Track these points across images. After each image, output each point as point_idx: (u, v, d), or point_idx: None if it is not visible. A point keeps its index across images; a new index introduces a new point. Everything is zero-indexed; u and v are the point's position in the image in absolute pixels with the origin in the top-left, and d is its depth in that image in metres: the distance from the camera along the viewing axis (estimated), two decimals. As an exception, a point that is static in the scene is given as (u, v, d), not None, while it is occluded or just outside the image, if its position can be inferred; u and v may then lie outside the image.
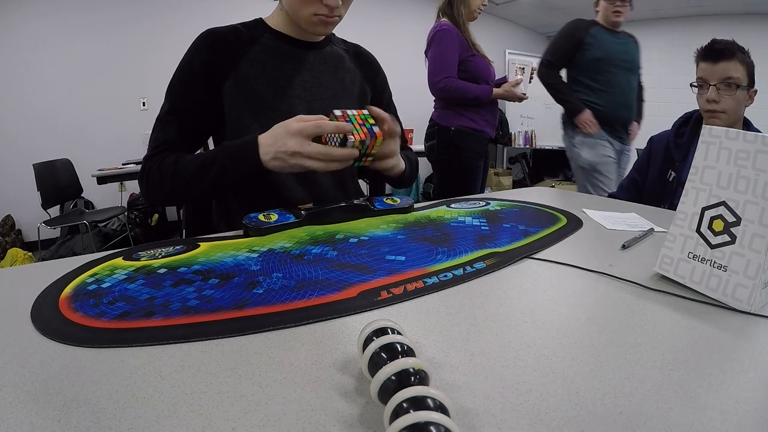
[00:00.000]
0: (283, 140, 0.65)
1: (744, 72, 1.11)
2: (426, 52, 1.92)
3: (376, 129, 0.67)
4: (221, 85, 0.79)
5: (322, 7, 0.75)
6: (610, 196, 1.43)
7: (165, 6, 3.39)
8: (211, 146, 0.83)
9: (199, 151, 0.82)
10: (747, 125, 1.17)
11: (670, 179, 1.23)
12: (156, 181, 0.74)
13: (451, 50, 1.81)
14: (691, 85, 1.18)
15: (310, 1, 0.75)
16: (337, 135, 0.65)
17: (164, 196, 0.76)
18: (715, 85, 1.12)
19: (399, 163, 0.80)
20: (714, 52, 1.12)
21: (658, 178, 1.27)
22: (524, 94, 1.96)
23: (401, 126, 1.05)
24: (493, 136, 1.99)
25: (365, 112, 0.68)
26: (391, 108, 1.03)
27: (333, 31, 0.93)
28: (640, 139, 1.67)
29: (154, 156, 0.76)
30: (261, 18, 0.86)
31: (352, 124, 0.65)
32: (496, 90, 1.89)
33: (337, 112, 0.65)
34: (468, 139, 1.89)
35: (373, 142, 0.67)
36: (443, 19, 1.88)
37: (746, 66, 1.11)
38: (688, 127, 1.24)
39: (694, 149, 0.48)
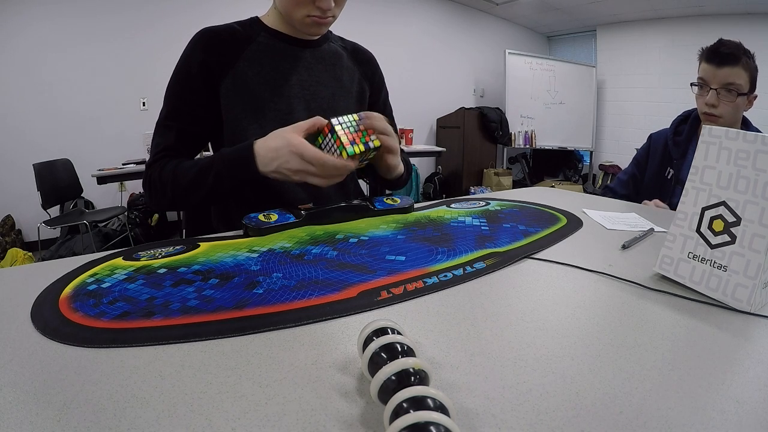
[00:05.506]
0: (285, 158, 0.64)
1: (746, 78, 1.07)
2: None
3: (373, 137, 0.67)
4: (218, 85, 0.78)
5: (314, 8, 0.75)
6: (606, 188, 1.42)
7: (165, 6, 3.39)
8: (211, 152, 0.82)
9: (198, 157, 0.82)
10: (746, 125, 1.16)
11: (669, 177, 1.23)
12: (158, 189, 0.75)
13: None
14: (691, 84, 1.15)
15: (302, 3, 0.75)
16: (334, 146, 0.64)
17: (167, 203, 0.77)
18: (715, 89, 1.08)
19: (399, 164, 0.80)
20: (719, 55, 1.07)
21: (656, 176, 1.27)
22: None
23: (395, 126, 1.05)
24: None
25: (362, 116, 0.67)
26: (387, 107, 1.03)
27: (330, 29, 0.92)
28: (640, 138, 1.65)
29: (155, 163, 0.76)
30: (257, 16, 0.86)
31: (352, 132, 0.65)
32: None
33: (335, 121, 0.64)
34: None
35: (371, 148, 0.67)
36: None
37: (749, 72, 1.07)
38: (687, 125, 1.23)
39: (692, 147, 0.48)
